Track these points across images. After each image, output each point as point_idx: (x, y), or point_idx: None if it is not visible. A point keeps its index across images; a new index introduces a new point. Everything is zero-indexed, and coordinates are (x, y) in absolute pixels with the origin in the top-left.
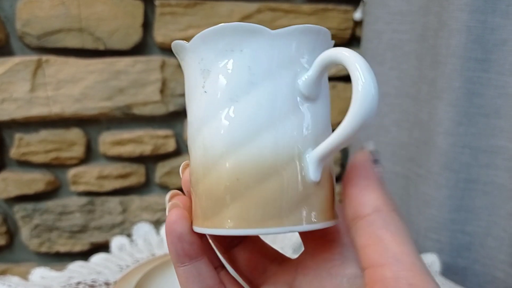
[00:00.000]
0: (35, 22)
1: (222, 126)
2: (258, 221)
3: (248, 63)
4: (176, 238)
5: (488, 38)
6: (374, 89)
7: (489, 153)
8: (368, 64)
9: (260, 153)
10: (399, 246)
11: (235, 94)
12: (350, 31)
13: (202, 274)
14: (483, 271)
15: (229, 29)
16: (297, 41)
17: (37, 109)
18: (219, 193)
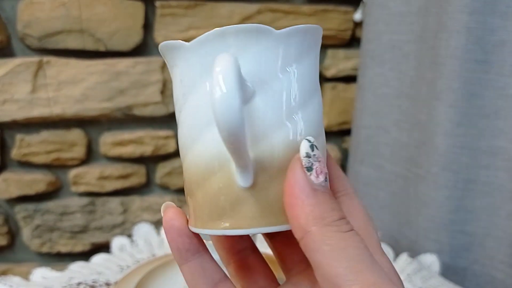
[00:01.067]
0: (36, 23)
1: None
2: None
3: (179, 76)
4: (176, 233)
5: (487, 39)
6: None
7: (488, 154)
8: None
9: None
10: (333, 268)
11: (177, 105)
12: (350, 32)
13: (207, 269)
14: (482, 272)
15: (165, 47)
16: (206, 49)
17: (38, 110)
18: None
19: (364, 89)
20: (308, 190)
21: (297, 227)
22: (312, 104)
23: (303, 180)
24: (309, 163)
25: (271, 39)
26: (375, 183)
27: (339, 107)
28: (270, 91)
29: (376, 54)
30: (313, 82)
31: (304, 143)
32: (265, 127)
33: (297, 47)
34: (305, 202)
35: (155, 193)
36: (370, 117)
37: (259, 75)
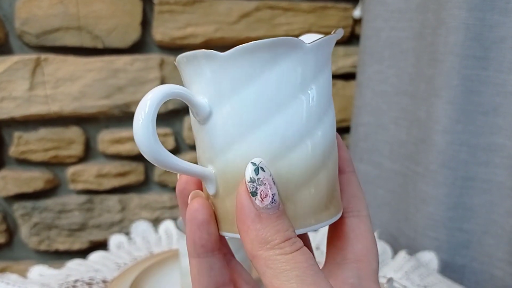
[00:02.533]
0: (34, 20)
1: None
2: None
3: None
4: (196, 226)
5: (486, 35)
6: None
7: (487, 151)
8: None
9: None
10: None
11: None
12: (349, 29)
13: (214, 269)
14: (481, 269)
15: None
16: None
17: (36, 108)
18: None
19: (363, 86)
20: (253, 216)
21: (247, 251)
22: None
23: (247, 205)
24: (253, 188)
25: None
26: (374, 180)
27: (338, 105)
28: (226, 108)
29: (375, 51)
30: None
31: (249, 166)
32: (223, 143)
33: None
34: (250, 227)
35: (153, 191)
36: (369, 114)
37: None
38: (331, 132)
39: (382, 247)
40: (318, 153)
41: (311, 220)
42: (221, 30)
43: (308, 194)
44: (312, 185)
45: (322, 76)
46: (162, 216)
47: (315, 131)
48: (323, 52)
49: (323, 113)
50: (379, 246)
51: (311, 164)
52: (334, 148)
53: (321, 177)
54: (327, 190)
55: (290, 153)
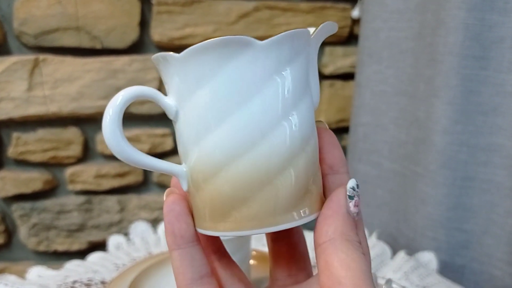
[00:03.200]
0: (32, 21)
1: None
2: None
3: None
4: (175, 217)
5: (486, 35)
6: None
7: (487, 151)
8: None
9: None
10: (343, 271)
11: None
12: (348, 29)
13: (196, 259)
14: (480, 269)
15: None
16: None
17: (35, 108)
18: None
19: (362, 87)
20: (344, 211)
21: (324, 233)
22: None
23: (343, 202)
24: (352, 194)
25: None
26: (373, 180)
27: (337, 105)
28: (187, 107)
29: (374, 51)
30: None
31: (352, 180)
32: (188, 141)
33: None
34: (338, 217)
35: (152, 192)
36: (368, 114)
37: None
38: (305, 123)
39: (381, 247)
40: (282, 150)
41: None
42: (220, 30)
43: (275, 191)
44: (281, 180)
45: (287, 72)
46: (161, 217)
47: (278, 126)
48: (288, 46)
49: (290, 109)
50: (378, 246)
51: (278, 159)
52: (311, 139)
53: (297, 168)
54: (304, 183)
55: (251, 151)
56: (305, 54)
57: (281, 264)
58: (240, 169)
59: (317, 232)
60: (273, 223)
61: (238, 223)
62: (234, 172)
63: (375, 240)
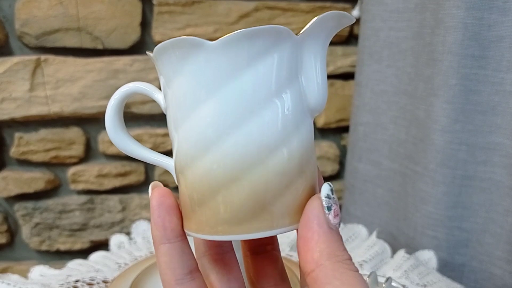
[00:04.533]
0: (33, 22)
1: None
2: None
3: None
4: (165, 210)
5: (484, 35)
6: None
7: (486, 150)
8: None
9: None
10: None
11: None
12: (348, 29)
13: (185, 253)
14: (480, 268)
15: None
16: None
17: (36, 108)
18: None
19: (362, 86)
20: (326, 227)
21: (310, 260)
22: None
23: (321, 217)
24: (329, 204)
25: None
26: (373, 180)
27: (337, 104)
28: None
29: (374, 51)
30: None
31: (326, 185)
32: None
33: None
34: (321, 238)
35: None
36: (368, 114)
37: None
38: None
39: (381, 246)
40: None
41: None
42: (221, 30)
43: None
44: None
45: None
46: None
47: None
48: (247, 45)
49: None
50: (378, 245)
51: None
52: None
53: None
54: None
55: (213, 148)
56: (278, 53)
57: (266, 275)
58: (209, 161)
59: (302, 259)
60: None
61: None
62: (205, 164)
63: (375, 239)
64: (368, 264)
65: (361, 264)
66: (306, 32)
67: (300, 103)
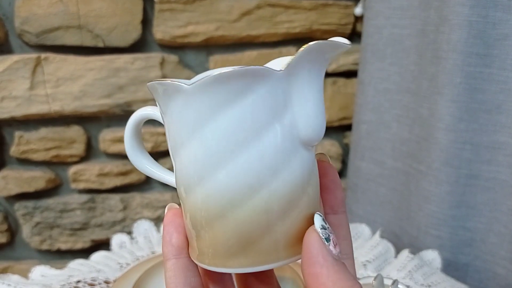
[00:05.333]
0: (33, 19)
1: None
2: None
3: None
4: (174, 228)
5: (489, 33)
6: None
7: (490, 149)
8: None
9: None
10: None
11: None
12: (350, 26)
13: (190, 270)
14: (484, 268)
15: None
16: None
17: (37, 107)
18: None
19: (364, 84)
20: (332, 259)
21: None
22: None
23: (325, 250)
24: (326, 235)
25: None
26: (376, 178)
27: (339, 103)
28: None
29: (377, 48)
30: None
31: (317, 216)
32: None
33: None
34: (330, 270)
35: (155, 190)
36: (371, 112)
37: None
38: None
39: (384, 246)
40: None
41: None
42: (222, 28)
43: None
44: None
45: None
46: (164, 215)
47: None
48: (224, 88)
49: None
50: (382, 245)
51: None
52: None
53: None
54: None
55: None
56: (255, 93)
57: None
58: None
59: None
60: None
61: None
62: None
63: (379, 238)
64: (372, 264)
65: (365, 264)
66: (291, 67)
67: (289, 138)
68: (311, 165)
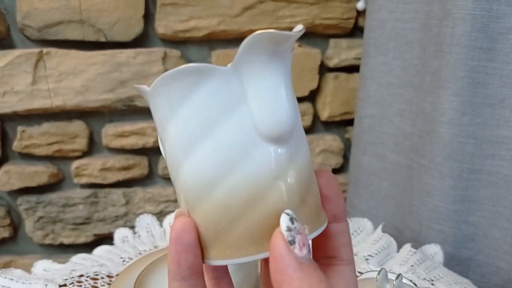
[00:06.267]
0: (35, 14)
1: None
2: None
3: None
4: (182, 247)
5: (493, 26)
6: None
7: (493, 143)
8: None
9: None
10: None
11: None
12: (353, 20)
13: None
14: (486, 262)
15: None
16: None
17: (39, 102)
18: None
19: (367, 78)
20: (295, 264)
21: None
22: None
23: (288, 254)
24: (291, 237)
25: None
26: (378, 173)
27: (341, 97)
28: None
29: (380, 42)
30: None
31: (284, 216)
32: None
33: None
34: (293, 277)
35: (158, 185)
36: (373, 106)
37: None
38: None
39: (386, 241)
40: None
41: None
42: (224, 22)
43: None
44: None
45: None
46: (166, 210)
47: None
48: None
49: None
50: (384, 239)
51: None
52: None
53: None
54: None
55: None
56: (198, 93)
57: None
58: None
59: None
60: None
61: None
62: None
63: (381, 233)
64: (374, 258)
65: (367, 258)
66: (235, 61)
67: (246, 133)
68: (282, 160)
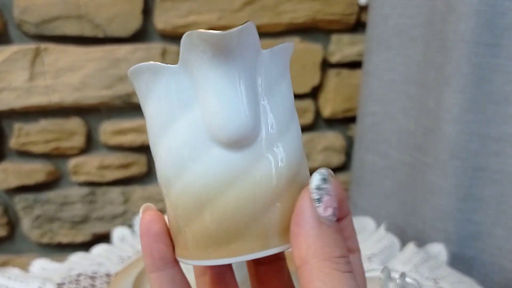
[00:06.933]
0: (33, 9)
1: None
2: None
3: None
4: (152, 238)
5: (497, 22)
6: None
7: (498, 141)
8: None
9: None
10: None
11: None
12: (355, 16)
13: (175, 281)
14: (490, 261)
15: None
16: None
17: (36, 98)
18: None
19: (370, 75)
20: (313, 221)
21: (297, 256)
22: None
23: (309, 210)
24: (318, 195)
25: None
26: (381, 171)
27: (344, 94)
28: None
29: (383, 38)
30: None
31: (316, 175)
32: None
33: None
34: (308, 233)
35: (156, 183)
36: (376, 103)
37: None
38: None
39: (389, 239)
40: None
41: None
42: (224, 18)
43: None
44: None
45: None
46: (165, 208)
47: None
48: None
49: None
50: (387, 238)
51: None
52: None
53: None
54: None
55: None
56: (154, 92)
57: (270, 287)
58: None
59: (293, 254)
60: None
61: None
62: None
63: (384, 231)
64: (377, 257)
65: (370, 257)
66: (180, 60)
67: (196, 133)
68: (233, 167)
